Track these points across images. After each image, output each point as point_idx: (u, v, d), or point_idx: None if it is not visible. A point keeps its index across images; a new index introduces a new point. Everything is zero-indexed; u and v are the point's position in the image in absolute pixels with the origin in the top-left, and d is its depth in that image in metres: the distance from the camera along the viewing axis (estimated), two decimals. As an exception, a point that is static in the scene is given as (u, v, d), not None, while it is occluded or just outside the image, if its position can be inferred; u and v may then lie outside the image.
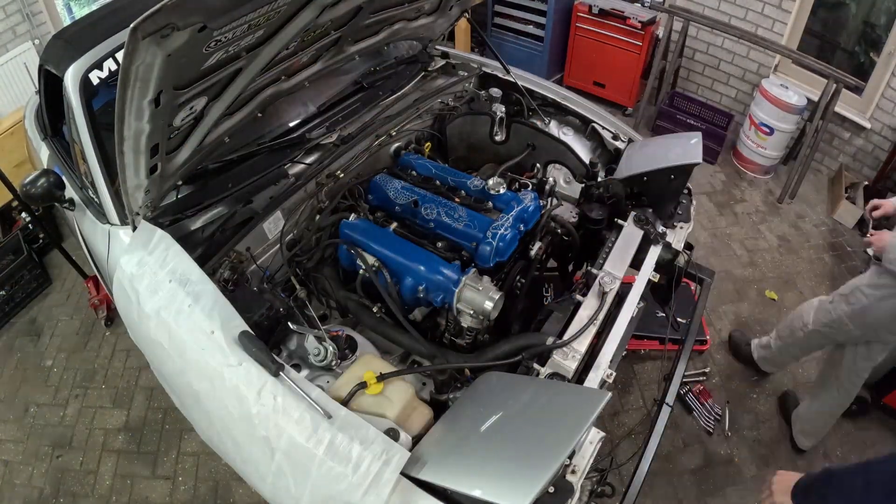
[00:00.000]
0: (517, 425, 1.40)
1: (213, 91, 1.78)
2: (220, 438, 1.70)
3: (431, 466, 1.39)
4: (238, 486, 2.79)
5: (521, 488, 1.17)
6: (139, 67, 1.33)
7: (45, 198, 2.25)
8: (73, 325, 3.70)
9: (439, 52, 3.14)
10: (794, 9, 4.50)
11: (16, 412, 3.25)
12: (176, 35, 1.30)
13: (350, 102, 2.67)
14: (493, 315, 1.87)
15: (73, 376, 3.39)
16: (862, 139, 4.55)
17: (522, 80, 2.92)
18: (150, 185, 1.79)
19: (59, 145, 2.78)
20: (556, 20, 5.24)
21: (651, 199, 2.38)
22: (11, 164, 3.83)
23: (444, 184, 2.41)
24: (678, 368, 2.17)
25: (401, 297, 1.99)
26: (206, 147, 2.04)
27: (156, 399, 3.18)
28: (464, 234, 2.12)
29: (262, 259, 2.17)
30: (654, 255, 2.21)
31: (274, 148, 2.37)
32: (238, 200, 2.15)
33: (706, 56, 5.23)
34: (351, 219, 2.16)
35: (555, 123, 2.82)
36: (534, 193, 2.27)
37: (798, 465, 2.90)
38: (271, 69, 2.04)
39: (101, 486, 2.87)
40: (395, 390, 1.62)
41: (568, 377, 1.70)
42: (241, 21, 1.45)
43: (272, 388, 1.53)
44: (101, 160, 2.13)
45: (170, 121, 1.66)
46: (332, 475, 1.40)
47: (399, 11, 2.45)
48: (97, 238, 2.24)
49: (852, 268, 4.01)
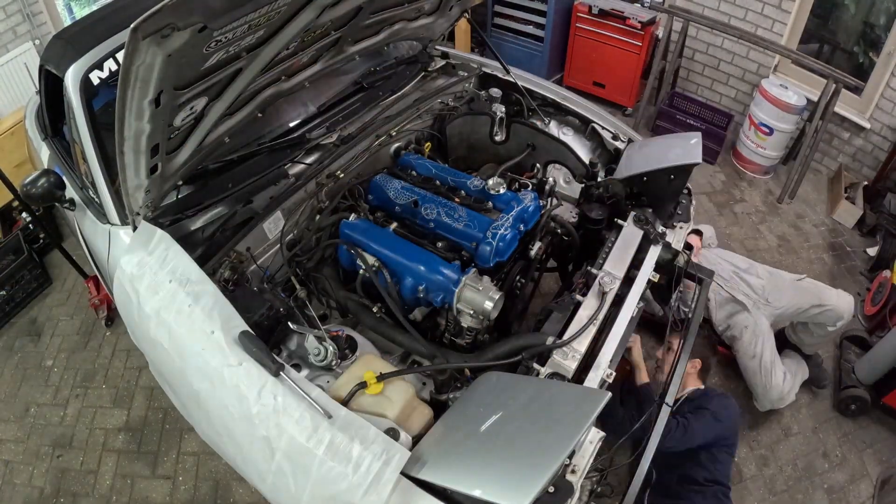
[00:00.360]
0: (517, 425, 1.40)
1: (213, 91, 1.78)
2: (220, 438, 1.70)
3: (431, 466, 1.39)
4: (238, 486, 2.80)
5: (521, 488, 1.17)
6: (139, 68, 1.33)
7: (46, 198, 2.25)
8: (74, 324, 3.70)
9: (439, 53, 3.14)
10: (794, 9, 4.51)
11: (16, 412, 3.25)
12: (176, 35, 1.30)
13: (350, 103, 2.67)
14: (493, 315, 1.87)
15: (74, 376, 3.39)
16: (861, 139, 4.55)
17: (522, 81, 2.92)
18: (151, 185, 1.80)
19: (60, 145, 2.78)
20: (555, 20, 5.24)
21: (651, 199, 2.38)
22: (12, 164, 3.84)
23: (444, 184, 2.41)
24: (678, 369, 2.17)
25: (401, 297, 1.99)
26: (206, 147, 2.04)
27: (156, 399, 3.18)
28: (464, 234, 2.12)
29: (263, 259, 2.17)
30: (654, 255, 2.21)
31: (274, 148, 2.37)
32: (238, 200, 2.16)
33: (706, 56, 5.23)
34: (351, 219, 2.16)
35: (555, 123, 2.82)
36: (534, 193, 2.27)
37: (797, 463, 2.91)
38: (271, 69, 2.04)
39: (102, 485, 2.87)
40: (395, 390, 1.63)
41: (568, 377, 1.70)
42: (242, 21, 1.45)
43: (272, 387, 1.53)
44: (101, 160, 2.13)
45: (170, 121, 1.66)
46: (332, 475, 1.41)
47: (399, 12, 2.45)
48: (98, 238, 2.24)
49: (852, 268, 4.01)
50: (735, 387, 3.21)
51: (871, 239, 4.22)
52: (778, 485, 2.83)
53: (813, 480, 2.86)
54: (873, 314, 3.52)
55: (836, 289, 3.04)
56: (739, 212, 4.49)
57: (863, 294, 3.76)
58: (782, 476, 2.87)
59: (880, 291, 3.52)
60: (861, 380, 3.10)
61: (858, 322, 3.61)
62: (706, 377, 2.74)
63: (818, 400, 3.20)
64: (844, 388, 3.12)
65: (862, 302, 3.71)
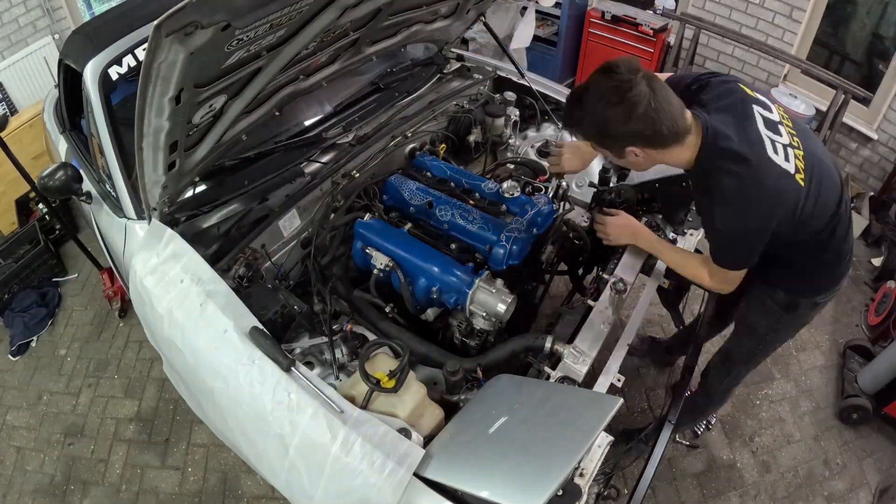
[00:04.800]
0: (528, 428, 1.41)
1: (232, 89, 1.79)
2: (234, 435, 1.72)
3: (443, 467, 1.40)
4: (247, 478, 2.83)
5: (533, 491, 1.18)
6: (161, 65, 1.34)
7: (63, 190, 2.28)
8: (88, 315, 3.75)
9: (455, 55, 3.16)
10: (805, 19, 4.50)
11: (29, 399, 3.30)
12: (199, 33, 1.30)
13: (366, 103, 2.68)
14: (505, 317, 1.89)
15: (87, 366, 3.43)
16: (868, 150, 4.55)
17: (536, 84, 2.95)
18: (168, 181, 1.81)
19: (77, 139, 2.81)
20: (569, 25, 5.27)
21: (662, 205, 2.40)
22: (30, 156, 3.89)
23: (458, 186, 2.43)
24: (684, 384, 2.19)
25: (414, 298, 2.01)
26: (223, 144, 2.06)
27: (167, 390, 3.22)
28: (478, 236, 2.13)
29: (277, 256, 2.20)
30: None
31: (290, 146, 2.39)
32: (254, 198, 2.17)
33: (716, 64, 5.22)
34: (366, 218, 2.17)
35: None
36: (547, 197, 2.29)
37: (798, 470, 2.93)
38: (290, 68, 2.05)
39: (112, 474, 2.91)
40: (407, 390, 1.62)
41: (578, 381, 1.72)
42: (264, 20, 1.45)
43: (286, 385, 1.54)
44: (118, 155, 2.16)
45: (189, 118, 1.67)
46: (345, 472, 1.41)
47: (417, 14, 2.47)
48: (114, 231, 2.26)
49: (856, 277, 4.02)
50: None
51: (876, 249, 4.22)
52: (779, 491, 2.86)
53: (813, 488, 2.88)
54: (877, 324, 3.53)
55: None
56: (747, 219, 4.48)
57: (867, 304, 3.77)
58: (783, 482, 2.89)
59: (884, 302, 3.54)
60: (863, 389, 3.12)
61: (862, 332, 3.63)
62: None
63: (820, 408, 3.22)
64: (847, 397, 3.14)
65: (866, 312, 3.72)
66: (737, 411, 3.17)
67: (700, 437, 3.03)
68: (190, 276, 1.75)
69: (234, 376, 1.60)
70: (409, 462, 1.38)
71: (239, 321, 1.65)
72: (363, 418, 1.48)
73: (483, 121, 2.79)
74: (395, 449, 1.41)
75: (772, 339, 2.22)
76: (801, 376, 3.36)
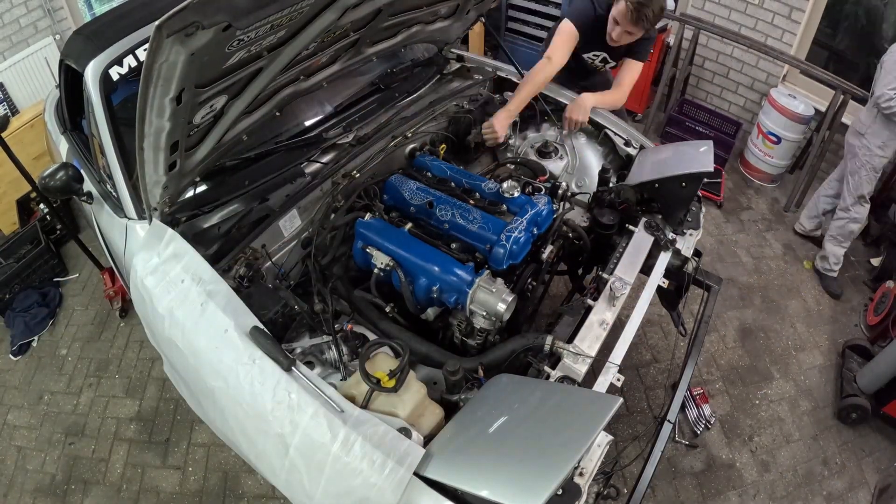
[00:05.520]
0: (529, 427, 1.42)
1: (233, 90, 1.79)
2: (234, 434, 1.71)
3: (443, 466, 1.40)
4: (247, 478, 2.83)
5: (533, 490, 1.19)
6: (162, 65, 1.34)
7: (64, 190, 2.28)
8: (89, 315, 3.75)
9: (455, 56, 3.16)
10: (804, 20, 4.51)
11: (30, 399, 3.30)
12: (200, 34, 1.30)
13: (367, 103, 2.69)
14: (505, 317, 1.89)
15: (87, 365, 3.44)
16: (869, 150, 4.54)
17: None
18: (169, 181, 1.82)
19: (78, 139, 2.81)
20: (568, 25, 5.25)
21: (662, 205, 2.41)
22: (31, 156, 3.90)
23: (458, 185, 2.43)
24: (682, 383, 2.19)
25: (414, 297, 2.01)
26: (224, 144, 2.06)
27: (168, 390, 3.22)
28: (478, 236, 2.14)
29: (278, 256, 2.20)
30: (664, 261, 2.24)
31: (291, 146, 2.39)
32: (254, 198, 2.17)
33: (716, 65, 5.23)
34: (366, 218, 2.18)
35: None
36: (547, 197, 2.30)
37: (798, 469, 2.94)
38: (291, 69, 2.06)
39: (113, 473, 2.91)
40: (407, 390, 1.63)
41: (578, 381, 1.73)
42: (265, 21, 1.46)
43: (287, 384, 1.55)
44: (119, 155, 2.15)
45: (190, 118, 1.67)
46: (346, 472, 1.42)
47: (417, 15, 2.48)
48: (114, 231, 2.26)
49: (855, 277, 4.03)
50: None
51: (875, 249, 4.23)
52: (778, 490, 2.86)
53: (812, 487, 2.88)
54: (876, 324, 3.54)
55: None
56: (746, 219, 4.50)
57: (866, 304, 3.78)
58: (783, 482, 2.90)
59: (883, 301, 3.54)
60: (862, 389, 3.12)
61: (861, 331, 3.64)
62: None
63: (819, 408, 3.22)
64: (846, 396, 3.15)
65: (865, 312, 3.73)
66: (736, 411, 3.17)
67: (699, 437, 3.03)
68: (191, 275, 1.75)
69: (235, 376, 1.60)
70: (409, 461, 1.39)
71: (239, 321, 1.66)
72: (363, 418, 1.49)
73: (483, 121, 2.80)
74: (395, 448, 1.41)
75: None
76: (800, 376, 3.37)
